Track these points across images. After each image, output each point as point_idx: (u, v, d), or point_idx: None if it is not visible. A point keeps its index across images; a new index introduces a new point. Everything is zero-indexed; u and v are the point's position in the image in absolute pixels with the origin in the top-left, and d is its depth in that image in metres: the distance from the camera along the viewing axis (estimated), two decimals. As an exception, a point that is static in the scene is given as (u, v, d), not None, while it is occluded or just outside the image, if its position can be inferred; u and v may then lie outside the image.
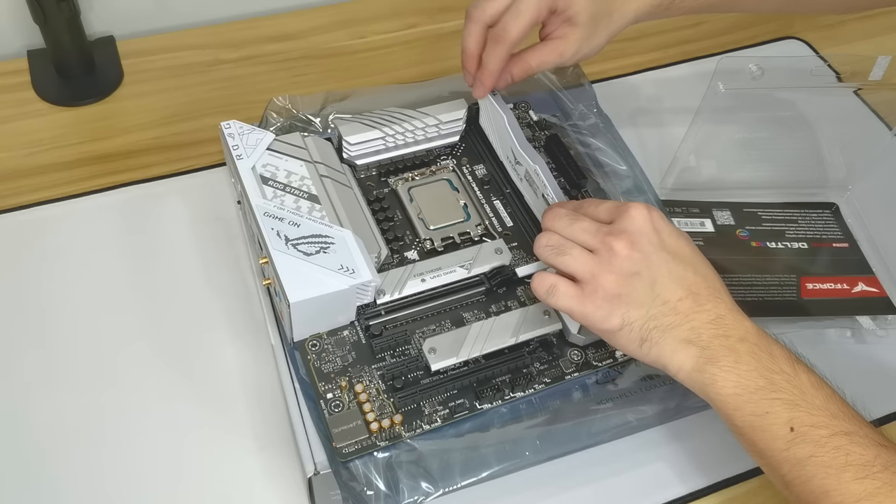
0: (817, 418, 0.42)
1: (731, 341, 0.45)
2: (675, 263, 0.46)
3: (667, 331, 0.45)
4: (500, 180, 0.60)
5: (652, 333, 0.45)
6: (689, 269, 0.46)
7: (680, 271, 0.46)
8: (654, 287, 0.45)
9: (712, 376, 0.44)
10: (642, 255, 0.46)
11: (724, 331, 0.45)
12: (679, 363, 0.45)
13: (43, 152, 0.65)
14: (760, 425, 0.43)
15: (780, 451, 0.43)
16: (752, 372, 0.44)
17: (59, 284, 0.56)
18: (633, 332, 0.45)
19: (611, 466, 0.50)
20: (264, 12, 0.78)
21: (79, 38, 0.68)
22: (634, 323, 0.45)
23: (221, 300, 0.56)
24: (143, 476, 0.49)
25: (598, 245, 0.46)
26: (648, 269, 0.45)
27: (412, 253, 0.56)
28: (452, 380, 0.49)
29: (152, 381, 0.52)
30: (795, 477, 0.42)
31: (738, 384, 0.44)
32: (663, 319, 0.45)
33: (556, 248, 0.47)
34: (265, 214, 0.50)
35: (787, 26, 0.81)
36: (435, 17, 0.79)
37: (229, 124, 0.54)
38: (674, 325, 0.45)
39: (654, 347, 0.45)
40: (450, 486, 0.46)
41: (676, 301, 0.45)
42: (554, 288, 0.46)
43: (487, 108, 0.60)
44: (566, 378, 0.51)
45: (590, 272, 0.46)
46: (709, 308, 0.45)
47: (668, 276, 0.46)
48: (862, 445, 0.41)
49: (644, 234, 0.46)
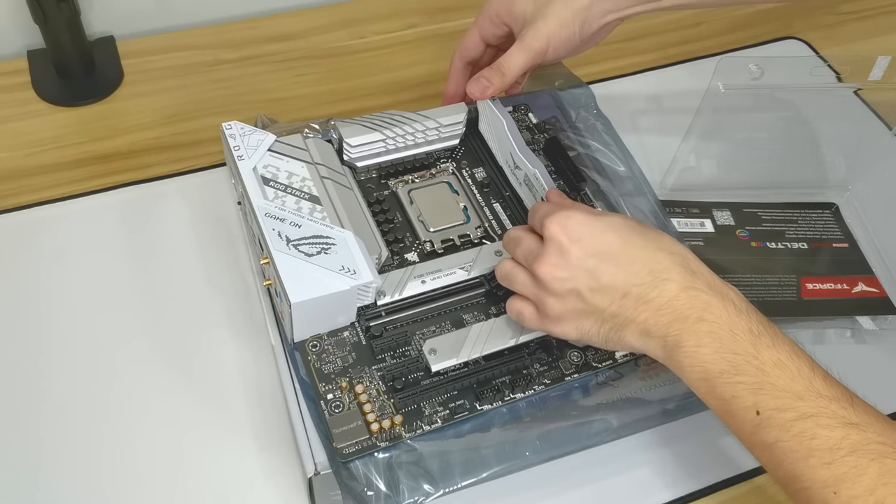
0: (781, 401, 0.41)
1: (688, 323, 0.43)
2: (604, 266, 0.45)
3: (622, 329, 0.45)
4: (500, 183, 0.60)
5: (610, 335, 0.46)
6: (621, 265, 0.45)
7: (612, 272, 0.45)
8: (592, 296, 0.45)
9: (679, 363, 0.44)
10: (568, 272, 0.45)
11: (678, 314, 0.44)
12: (652, 353, 0.45)
13: (43, 152, 0.65)
14: (728, 409, 0.42)
15: (749, 435, 0.42)
16: (714, 355, 0.42)
17: (58, 284, 0.56)
18: (594, 338, 0.47)
19: (611, 467, 0.50)
20: (264, 12, 0.78)
21: (79, 38, 0.68)
22: (590, 330, 0.46)
23: (221, 300, 0.56)
24: (142, 476, 0.49)
25: (532, 272, 0.47)
26: (578, 283, 0.45)
27: (412, 255, 0.56)
28: (453, 381, 0.49)
29: (152, 381, 0.52)
30: (767, 461, 0.42)
31: (702, 368, 0.43)
32: (613, 321, 0.45)
33: (506, 278, 0.49)
34: (266, 215, 0.50)
35: (787, 26, 0.82)
36: (435, 17, 0.79)
37: (231, 125, 0.54)
38: (625, 322, 0.45)
39: (620, 344, 0.46)
40: (450, 487, 0.46)
41: (620, 300, 0.45)
42: (520, 315, 0.49)
43: (487, 114, 0.60)
44: (566, 379, 0.51)
45: (536, 298, 0.47)
46: (655, 296, 0.44)
47: (598, 284, 0.45)
48: (828, 427, 0.39)
49: (563, 252, 0.45)
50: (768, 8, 0.83)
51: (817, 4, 0.84)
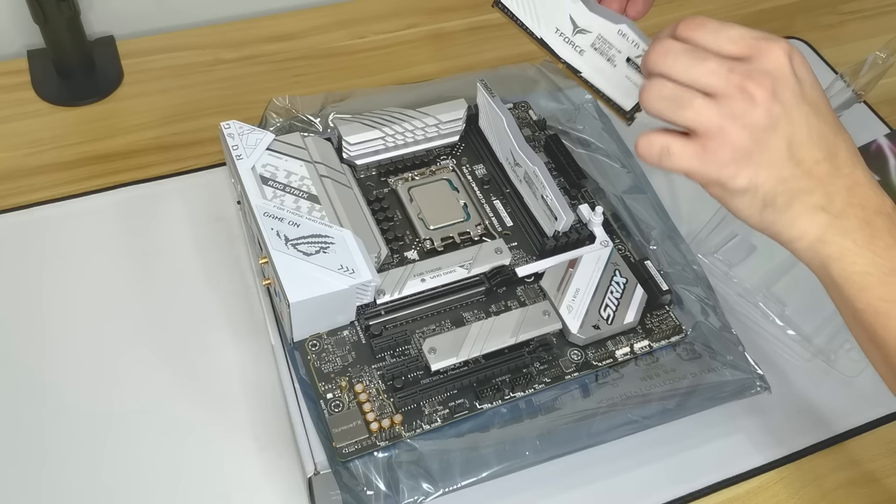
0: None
1: (867, 213, 0.39)
2: (815, 119, 0.39)
3: (796, 196, 0.39)
4: (500, 180, 0.60)
5: (778, 199, 0.40)
6: (828, 126, 0.40)
7: (820, 128, 0.40)
8: (790, 146, 0.39)
9: (842, 249, 0.39)
10: (783, 107, 0.39)
11: (860, 200, 0.39)
12: (802, 230, 0.40)
13: (43, 152, 0.65)
14: (887, 312, 0.38)
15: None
16: (889, 251, 0.39)
17: (58, 284, 0.56)
18: (756, 197, 0.40)
19: (611, 466, 0.50)
20: (264, 12, 0.78)
21: (79, 38, 0.68)
22: (762, 185, 0.39)
23: (221, 300, 0.56)
24: (142, 476, 0.49)
25: (729, 91, 0.39)
26: (788, 124, 0.39)
27: (412, 253, 0.56)
28: (452, 380, 0.49)
29: (152, 381, 0.52)
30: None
31: (870, 262, 0.39)
32: (795, 183, 0.39)
33: (673, 100, 0.39)
34: (265, 214, 0.50)
35: (787, 26, 0.81)
36: (435, 17, 0.79)
37: (229, 124, 0.54)
38: (806, 189, 0.39)
39: (777, 214, 0.40)
40: (450, 486, 0.46)
41: (813, 163, 0.39)
42: (666, 150, 0.40)
43: (487, 110, 0.60)
44: (566, 378, 0.51)
45: (717, 125, 0.39)
46: (846, 173, 0.40)
47: (808, 135, 0.39)
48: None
49: (787, 82, 0.39)
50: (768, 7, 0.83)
51: (817, 4, 0.84)
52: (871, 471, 0.53)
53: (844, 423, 0.54)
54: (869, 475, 0.52)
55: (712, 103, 0.39)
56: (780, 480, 0.52)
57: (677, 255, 0.57)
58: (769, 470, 0.52)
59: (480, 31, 0.78)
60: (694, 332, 0.54)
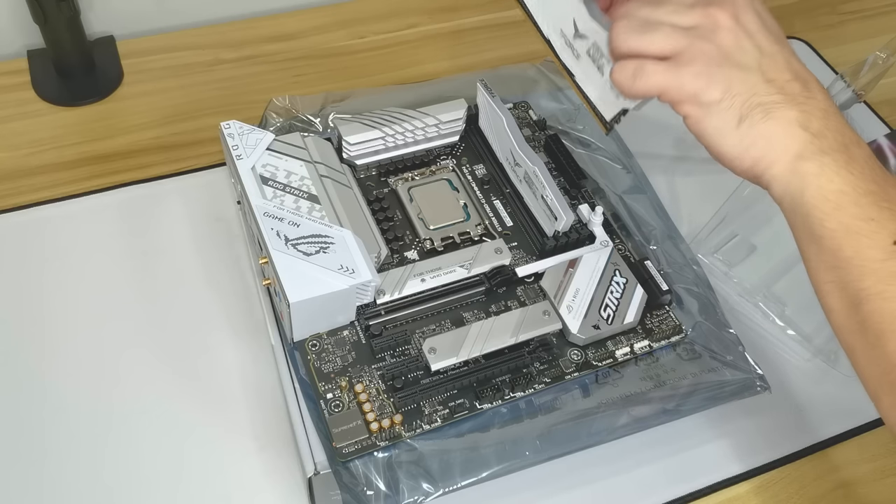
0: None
1: (845, 139, 0.40)
2: (779, 47, 0.41)
3: (772, 109, 0.40)
4: (500, 180, 0.60)
5: (755, 111, 0.40)
6: (794, 57, 0.42)
7: (786, 56, 0.41)
8: (759, 63, 0.40)
9: (821, 167, 0.39)
10: (745, 31, 0.41)
11: (837, 125, 0.40)
12: (782, 148, 0.40)
13: (43, 152, 0.65)
14: (859, 230, 0.39)
15: (872, 262, 0.38)
16: (866, 174, 0.39)
17: (59, 285, 0.56)
18: (732, 108, 0.40)
19: (611, 466, 0.50)
20: (264, 12, 0.78)
21: (79, 38, 0.68)
22: (737, 97, 0.40)
23: (221, 300, 0.56)
24: (143, 476, 0.49)
25: (695, 19, 0.41)
26: (753, 46, 0.41)
27: (412, 253, 0.56)
28: (452, 380, 0.49)
29: (152, 381, 0.52)
30: (878, 293, 0.38)
31: (847, 181, 0.39)
32: (769, 97, 0.40)
33: (640, 28, 0.41)
34: (265, 214, 0.50)
35: (787, 26, 0.81)
36: (435, 17, 0.79)
37: (229, 124, 0.54)
38: (781, 103, 0.40)
39: (755, 127, 0.40)
40: (450, 486, 0.46)
41: (784, 81, 0.40)
42: (640, 68, 0.41)
43: (487, 110, 0.60)
44: (566, 378, 0.51)
45: (687, 43, 0.40)
46: (820, 98, 0.40)
47: (774, 58, 0.41)
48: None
49: (747, 10, 0.41)
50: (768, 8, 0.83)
51: (817, 4, 0.84)
52: (872, 470, 0.53)
53: (845, 423, 0.54)
54: (870, 474, 0.52)
55: (680, 29, 0.41)
56: (780, 480, 0.52)
57: (677, 255, 0.57)
58: (769, 470, 0.52)
59: (480, 31, 0.78)
60: (694, 332, 0.54)
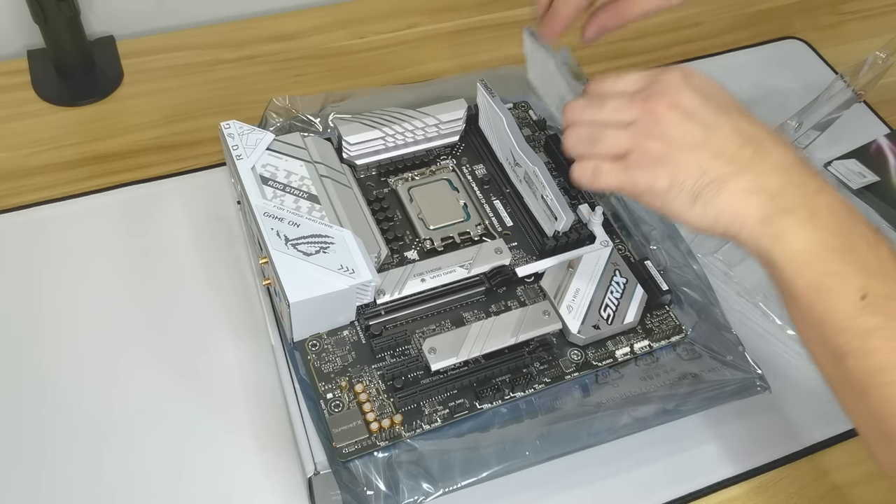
0: (894, 290, 0.38)
1: (807, 192, 0.40)
2: (725, 117, 0.42)
3: (724, 183, 0.40)
4: (500, 180, 0.60)
5: (706, 189, 0.41)
6: (743, 121, 0.42)
7: (733, 122, 0.42)
8: (705, 141, 0.41)
9: (783, 228, 0.40)
10: (685, 113, 0.42)
11: (798, 179, 0.40)
12: (744, 217, 0.40)
13: (43, 152, 0.65)
14: (829, 286, 0.39)
15: (844, 319, 0.38)
16: (830, 229, 0.39)
17: (59, 284, 0.56)
18: (683, 192, 0.41)
19: (611, 466, 0.50)
20: (264, 12, 0.78)
21: (79, 38, 0.68)
22: (685, 182, 0.41)
23: (221, 300, 0.56)
24: (143, 476, 0.49)
25: (635, 115, 0.43)
26: (696, 124, 0.42)
27: (412, 253, 0.56)
28: (452, 380, 0.49)
29: (152, 381, 0.52)
30: (855, 349, 0.38)
31: (811, 238, 0.39)
32: (719, 171, 0.41)
33: (587, 139, 0.44)
34: (265, 214, 0.50)
35: (787, 26, 0.81)
36: (435, 17, 0.79)
37: (229, 124, 0.54)
38: (732, 174, 0.41)
39: (710, 205, 0.41)
40: (450, 486, 0.46)
41: (734, 150, 0.41)
42: (597, 170, 0.44)
43: (487, 110, 0.60)
44: (566, 378, 0.51)
45: (633, 143, 0.42)
46: (776, 154, 0.41)
47: (720, 129, 0.42)
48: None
49: (684, 93, 0.42)
50: (768, 7, 0.83)
51: (817, 4, 0.84)
52: (871, 471, 0.52)
53: (844, 424, 0.54)
54: (871, 473, 0.52)
55: (623, 129, 0.43)
56: (780, 480, 0.52)
57: (677, 254, 0.57)
58: (769, 470, 0.52)
59: (480, 31, 0.78)
60: (694, 332, 0.54)
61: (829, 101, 0.63)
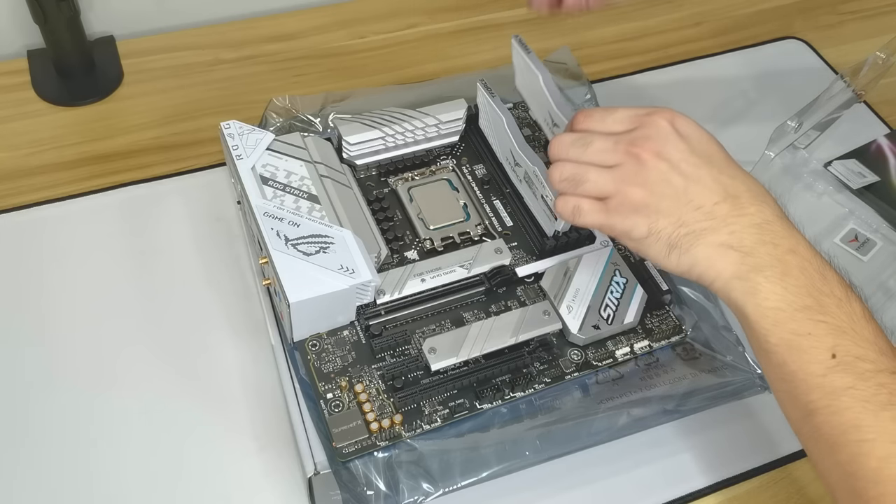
0: (864, 350, 0.39)
1: (779, 251, 0.41)
2: (707, 168, 0.43)
3: (700, 236, 0.42)
4: (500, 180, 0.60)
5: (682, 241, 0.42)
6: (724, 173, 0.43)
7: (714, 175, 0.43)
8: (685, 192, 0.43)
9: (755, 286, 0.41)
10: (669, 162, 0.43)
11: (771, 238, 0.42)
12: (717, 270, 0.42)
13: (43, 152, 0.65)
14: (799, 346, 0.40)
15: (814, 377, 0.39)
16: (801, 288, 0.40)
17: (58, 284, 0.56)
18: (660, 241, 0.43)
19: (611, 466, 0.50)
20: (264, 12, 0.78)
21: (79, 38, 0.68)
22: (663, 231, 0.43)
23: (221, 300, 0.56)
24: (143, 476, 0.49)
25: (619, 159, 0.44)
26: (678, 175, 0.43)
27: (412, 253, 0.56)
28: (452, 380, 0.49)
29: (152, 381, 0.52)
30: (825, 406, 0.39)
31: (782, 298, 0.40)
32: (696, 225, 0.42)
33: (572, 180, 0.45)
34: (265, 214, 0.50)
35: (787, 26, 0.81)
36: (435, 17, 0.79)
37: (229, 124, 0.54)
38: (709, 229, 0.42)
39: (685, 255, 0.42)
40: (450, 486, 0.46)
41: (712, 205, 0.42)
42: (578, 208, 0.45)
43: (487, 110, 0.60)
44: (566, 378, 0.51)
45: (614, 188, 0.44)
46: (752, 212, 0.42)
47: (701, 181, 0.43)
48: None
49: (669, 140, 0.43)
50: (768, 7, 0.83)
51: (817, 4, 0.84)
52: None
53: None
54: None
55: (607, 172, 0.44)
56: (780, 480, 0.52)
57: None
58: (769, 470, 0.52)
59: (480, 31, 0.78)
60: (694, 332, 0.54)
61: (829, 101, 0.63)
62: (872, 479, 0.37)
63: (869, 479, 0.37)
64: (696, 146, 0.44)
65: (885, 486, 0.37)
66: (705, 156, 0.44)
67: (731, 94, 0.74)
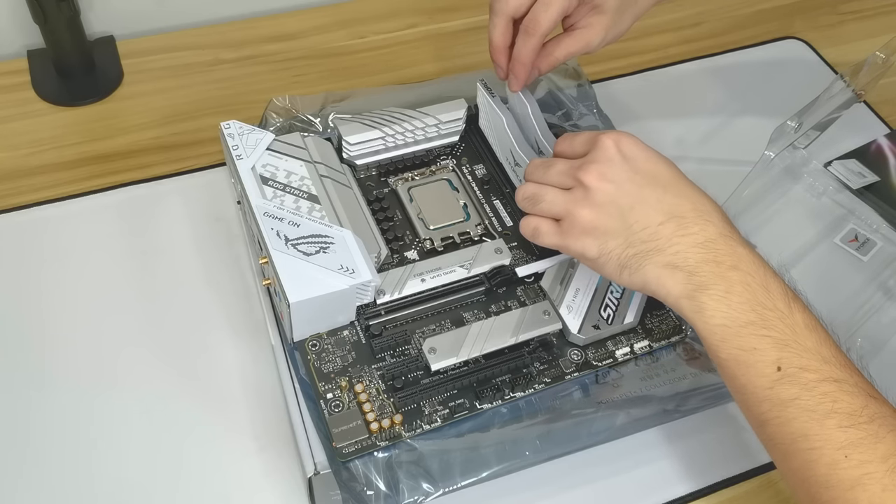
0: (807, 361, 0.41)
1: (722, 268, 0.43)
2: (651, 189, 0.45)
3: (647, 256, 0.44)
4: (500, 180, 0.60)
5: (631, 261, 0.44)
6: (669, 192, 0.45)
7: (658, 195, 0.45)
8: (631, 213, 0.44)
9: (701, 304, 0.42)
10: (614, 184, 0.45)
11: (713, 256, 0.43)
12: (667, 289, 0.44)
13: (43, 152, 0.65)
14: (746, 360, 0.42)
15: (762, 389, 0.41)
16: (744, 304, 0.42)
17: (59, 284, 0.56)
18: (611, 261, 0.45)
19: (611, 466, 0.50)
20: (264, 12, 0.78)
21: (79, 38, 0.68)
22: (612, 252, 0.45)
23: (221, 300, 0.56)
24: (143, 476, 0.49)
25: (571, 183, 0.47)
26: (623, 196, 0.45)
27: (412, 253, 0.56)
28: (452, 380, 0.49)
29: (152, 381, 0.52)
30: (774, 417, 0.41)
31: (727, 315, 0.42)
32: (642, 246, 0.44)
33: (531, 199, 0.49)
34: (265, 214, 0.50)
35: (787, 26, 0.81)
36: (435, 17, 0.79)
37: (229, 124, 0.54)
38: (654, 250, 0.44)
39: (636, 274, 0.44)
40: (450, 486, 0.46)
41: (656, 226, 0.44)
42: (537, 230, 0.48)
43: (487, 110, 0.60)
44: (566, 378, 0.51)
45: (565, 210, 0.46)
46: (695, 231, 0.44)
47: (644, 202, 0.45)
48: (851, 394, 0.40)
49: (614, 163, 0.45)
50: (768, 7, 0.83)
51: (817, 4, 0.84)
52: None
53: (844, 423, 0.54)
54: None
55: (561, 194, 0.47)
56: (780, 480, 0.52)
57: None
58: (769, 469, 0.52)
59: (480, 31, 0.77)
60: (694, 332, 0.54)
61: (829, 101, 0.63)
62: (824, 484, 0.39)
63: (820, 484, 0.39)
64: (642, 166, 0.46)
65: (835, 490, 0.38)
66: (650, 176, 0.45)
67: (731, 94, 0.74)
